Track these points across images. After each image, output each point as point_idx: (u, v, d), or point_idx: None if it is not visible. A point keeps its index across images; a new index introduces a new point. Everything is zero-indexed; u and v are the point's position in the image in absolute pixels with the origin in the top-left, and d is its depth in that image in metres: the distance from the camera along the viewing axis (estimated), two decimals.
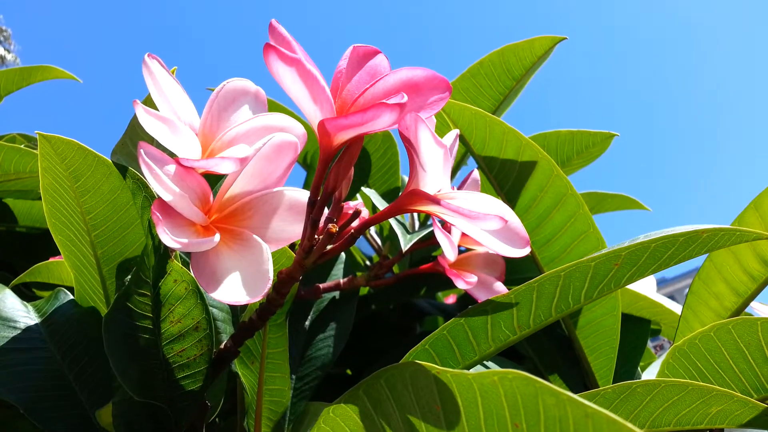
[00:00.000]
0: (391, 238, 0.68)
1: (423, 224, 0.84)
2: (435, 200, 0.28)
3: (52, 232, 0.45)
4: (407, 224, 0.91)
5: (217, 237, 0.31)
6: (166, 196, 0.29)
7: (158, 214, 0.28)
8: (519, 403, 0.20)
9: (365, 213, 0.52)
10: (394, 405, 0.26)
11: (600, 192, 0.93)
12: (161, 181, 0.29)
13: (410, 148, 0.29)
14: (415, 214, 0.89)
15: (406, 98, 0.26)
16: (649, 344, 0.89)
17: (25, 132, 1.13)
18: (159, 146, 0.52)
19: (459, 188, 0.52)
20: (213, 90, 0.83)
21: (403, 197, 0.31)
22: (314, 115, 0.29)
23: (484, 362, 0.43)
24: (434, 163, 0.30)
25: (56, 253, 0.94)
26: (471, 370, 0.43)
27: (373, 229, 0.72)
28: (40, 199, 0.93)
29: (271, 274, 0.30)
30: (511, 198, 0.57)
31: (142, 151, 0.28)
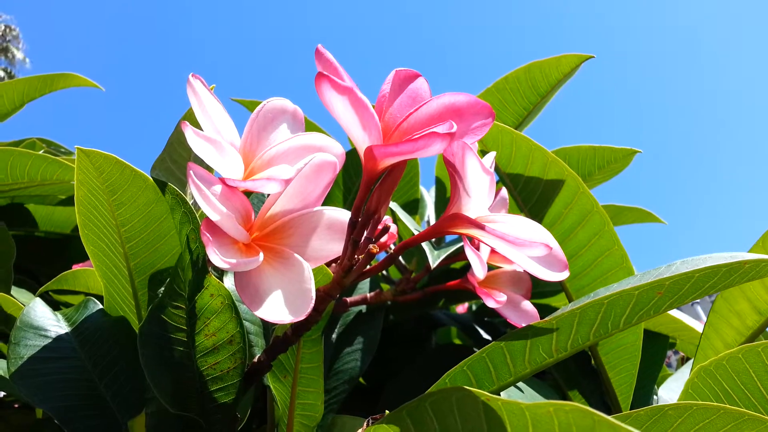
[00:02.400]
0: (416, 253, 0.69)
1: (441, 238, 0.85)
2: (479, 226, 0.29)
3: (84, 243, 0.46)
4: None
5: (261, 256, 0.31)
6: (214, 216, 0.30)
7: (208, 234, 0.29)
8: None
9: (393, 228, 0.52)
10: (437, 427, 0.27)
11: (617, 205, 0.94)
12: (210, 202, 0.29)
13: (455, 173, 0.29)
14: (433, 223, 0.89)
15: (455, 127, 0.26)
16: None
17: (43, 136, 1.15)
18: (196, 161, 0.52)
19: None
20: (237, 100, 0.84)
21: (444, 220, 0.32)
22: (362, 140, 0.29)
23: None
24: (480, 190, 0.30)
25: (76, 258, 0.95)
26: (503, 392, 0.43)
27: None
28: (59, 204, 0.94)
29: (313, 294, 0.31)
30: (535, 214, 0.58)
31: (191, 172, 0.29)
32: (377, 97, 0.32)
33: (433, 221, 0.86)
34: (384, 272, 0.91)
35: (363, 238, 0.33)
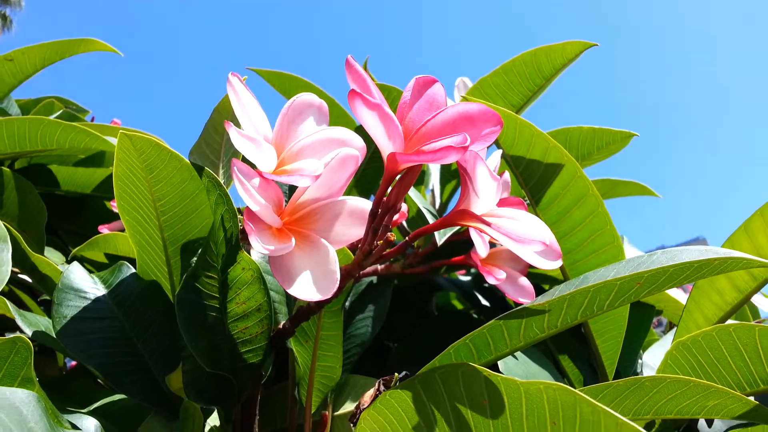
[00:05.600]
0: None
1: (444, 205, 0.89)
2: (486, 223, 0.33)
3: (120, 213, 0.50)
4: (428, 203, 0.96)
5: (293, 241, 0.35)
6: (254, 207, 0.34)
7: (250, 224, 0.33)
8: (559, 406, 0.25)
9: (404, 208, 0.56)
10: (445, 394, 0.32)
11: (613, 179, 0.98)
12: (251, 195, 0.34)
13: (466, 176, 0.34)
14: (437, 193, 0.94)
15: (469, 140, 0.30)
16: None
17: (60, 95, 1.18)
18: (226, 145, 0.56)
19: None
20: (253, 69, 0.87)
21: (454, 214, 0.36)
22: (387, 147, 0.33)
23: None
24: (488, 193, 0.34)
25: (95, 216, 1.00)
26: (500, 361, 0.48)
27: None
28: (79, 164, 0.98)
29: (338, 275, 0.35)
30: (534, 194, 0.62)
31: (235, 168, 0.33)
32: (399, 103, 0.36)
33: (437, 191, 0.90)
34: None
35: (382, 226, 0.37)
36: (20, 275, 0.79)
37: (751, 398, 0.56)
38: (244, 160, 0.38)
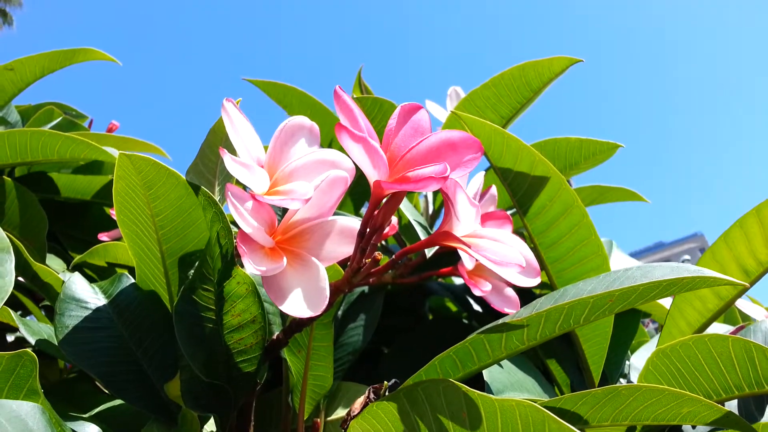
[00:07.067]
0: (412, 240, 0.75)
1: (437, 212, 0.91)
2: (466, 245, 0.35)
3: (120, 226, 0.52)
4: (422, 208, 0.98)
5: (284, 261, 0.37)
6: (247, 229, 0.36)
7: (243, 246, 0.35)
8: (530, 422, 0.27)
9: (394, 221, 0.58)
10: (427, 407, 0.34)
11: (602, 185, 1.00)
12: (244, 218, 0.36)
13: (448, 202, 0.35)
14: (430, 199, 0.96)
15: (449, 171, 0.32)
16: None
17: (59, 97, 1.19)
18: (222, 167, 0.58)
19: (479, 200, 0.59)
20: (248, 80, 0.89)
21: (438, 235, 0.38)
22: (373, 175, 0.35)
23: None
24: (467, 217, 0.36)
25: (95, 222, 1.01)
26: (485, 369, 0.50)
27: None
28: (78, 171, 0.99)
29: (327, 293, 0.37)
30: (522, 204, 0.64)
31: (229, 192, 0.35)
32: (385, 130, 0.38)
33: (430, 197, 0.92)
34: (384, 242, 0.98)
35: (370, 245, 0.39)
36: (20, 278, 0.80)
37: (733, 402, 0.58)
38: (238, 182, 0.40)
